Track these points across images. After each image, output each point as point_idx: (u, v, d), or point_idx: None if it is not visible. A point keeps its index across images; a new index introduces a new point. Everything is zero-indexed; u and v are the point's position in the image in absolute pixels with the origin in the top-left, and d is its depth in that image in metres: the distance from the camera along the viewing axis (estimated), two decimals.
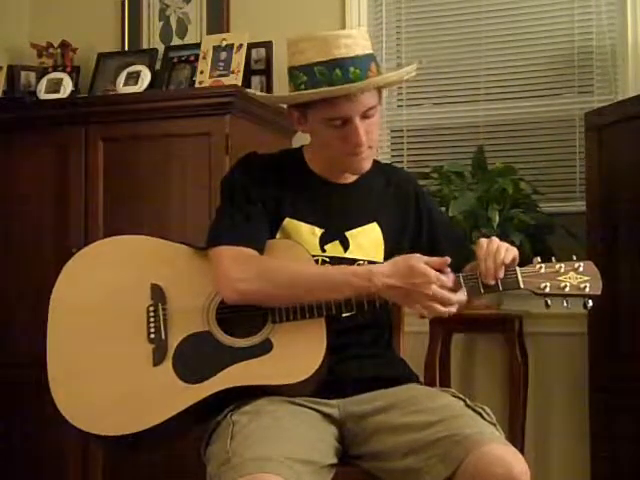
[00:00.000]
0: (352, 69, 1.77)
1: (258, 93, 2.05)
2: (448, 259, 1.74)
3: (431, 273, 1.71)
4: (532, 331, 3.27)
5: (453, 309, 1.73)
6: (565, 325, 3.23)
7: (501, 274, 1.74)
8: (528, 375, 3.21)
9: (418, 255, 1.76)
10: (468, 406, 1.75)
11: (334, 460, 1.74)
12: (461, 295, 1.75)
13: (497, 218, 3.02)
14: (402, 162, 3.58)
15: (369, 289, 1.74)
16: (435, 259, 1.74)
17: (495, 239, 1.79)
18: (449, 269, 1.75)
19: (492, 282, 1.75)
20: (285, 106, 1.96)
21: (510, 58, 3.48)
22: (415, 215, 2.00)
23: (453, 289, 1.73)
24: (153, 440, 1.83)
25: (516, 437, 2.96)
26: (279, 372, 1.76)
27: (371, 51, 1.84)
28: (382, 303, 1.78)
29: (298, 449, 1.63)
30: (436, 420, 1.67)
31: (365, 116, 1.82)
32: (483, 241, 1.78)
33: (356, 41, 1.81)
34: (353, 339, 1.89)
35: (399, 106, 3.59)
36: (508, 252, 1.76)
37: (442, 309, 1.72)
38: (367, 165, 1.91)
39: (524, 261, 1.81)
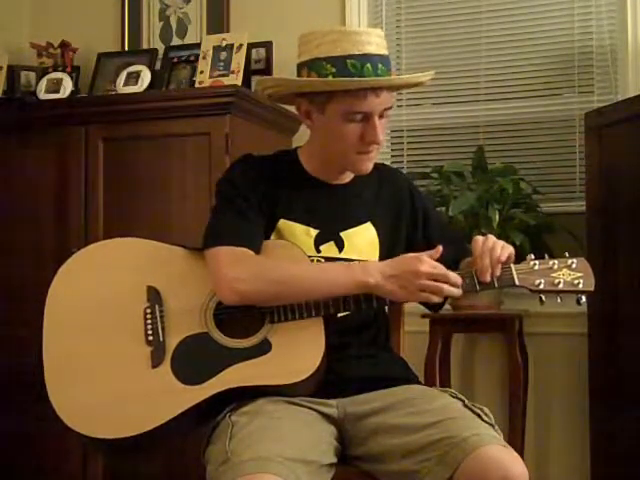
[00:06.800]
0: (380, 66, 1.81)
1: (281, 77, 2.03)
2: (440, 248, 1.76)
3: (421, 255, 1.74)
4: (532, 331, 3.27)
5: (450, 289, 1.73)
6: (565, 325, 3.24)
7: (497, 271, 1.75)
8: (528, 375, 3.21)
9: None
10: (467, 406, 1.75)
11: (334, 460, 1.74)
12: (456, 276, 1.74)
13: (497, 218, 3.03)
14: (402, 162, 3.58)
15: (368, 282, 1.74)
16: (427, 252, 1.76)
17: (491, 236, 1.79)
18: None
19: (488, 279, 1.75)
20: (284, 106, 1.95)
21: (510, 58, 3.48)
22: (410, 214, 2.01)
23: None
24: (153, 442, 1.82)
25: (516, 437, 2.96)
26: (278, 372, 1.76)
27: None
28: (380, 302, 1.79)
29: (297, 449, 1.63)
30: (434, 422, 1.67)
31: (381, 115, 1.84)
32: (479, 238, 1.79)
33: (382, 41, 1.85)
34: (352, 339, 1.89)
35: (399, 106, 3.59)
36: (504, 249, 1.77)
37: (439, 289, 1.72)
38: (370, 166, 1.91)
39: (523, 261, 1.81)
